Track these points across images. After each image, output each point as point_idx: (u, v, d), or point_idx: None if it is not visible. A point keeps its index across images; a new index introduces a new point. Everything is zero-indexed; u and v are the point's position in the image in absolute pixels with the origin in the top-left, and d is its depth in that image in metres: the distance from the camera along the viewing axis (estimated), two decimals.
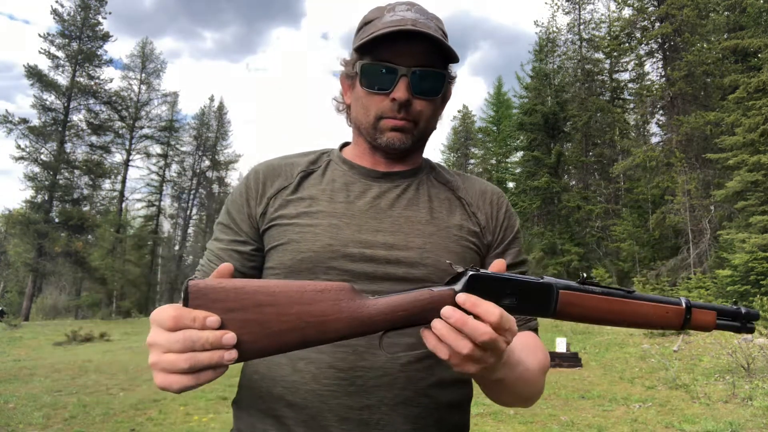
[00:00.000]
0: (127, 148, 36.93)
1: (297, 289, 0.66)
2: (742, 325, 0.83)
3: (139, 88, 38.04)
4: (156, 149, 39.54)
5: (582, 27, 31.62)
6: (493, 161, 39.13)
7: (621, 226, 24.41)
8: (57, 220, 31.15)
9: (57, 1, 32.25)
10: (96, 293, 33.95)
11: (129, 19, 76.59)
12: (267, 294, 0.64)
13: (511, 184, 34.69)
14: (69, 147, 32.37)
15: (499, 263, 0.74)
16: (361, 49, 0.93)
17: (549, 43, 32.77)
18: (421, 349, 0.71)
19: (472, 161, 41.09)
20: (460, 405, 0.97)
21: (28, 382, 8.16)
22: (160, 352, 0.61)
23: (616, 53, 27.97)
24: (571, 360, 9.46)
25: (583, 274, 0.77)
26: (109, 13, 39.93)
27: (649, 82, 26.43)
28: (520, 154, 34.13)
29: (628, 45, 26.82)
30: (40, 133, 30.71)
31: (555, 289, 0.74)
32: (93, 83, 33.18)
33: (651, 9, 24.83)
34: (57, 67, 31.86)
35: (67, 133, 31.82)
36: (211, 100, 48.19)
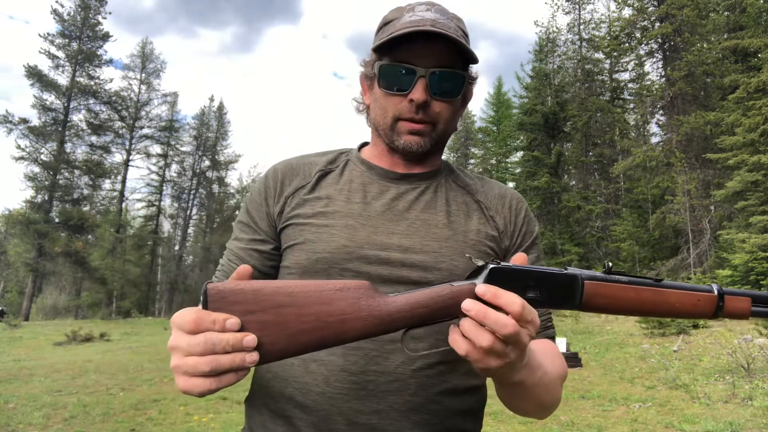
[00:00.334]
0: (127, 148, 36.96)
1: (315, 288, 0.65)
2: None
3: (139, 88, 38.06)
4: (156, 149, 39.59)
5: (582, 27, 31.64)
6: (493, 161, 39.10)
7: (621, 226, 24.40)
8: (57, 220, 31.17)
9: (57, 1, 32.30)
10: (96, 293, 33.96)
11: (129, 19, 76.59)
12: (286, 295, 0.63)
13: (511, 184, 34.63)
14: (69, 147, 32.42)
15: (520, 256, 0.72)
16: (379, 49, 0.93)
17: (549, 43, 32.76)
18: (444, 347, 0.70)
19: (472, 161, 41.05)
20: (473, 412, 0.95)
21: (28, 382, 8.16)
22: (182, 356, 0.60)
23: (616, 53, 27.97)
24: (571, 360, 9.46)
25: (609, 264, 0.74)
26: (109, 13, 40.04)
27: (649, 82, 26.44)
28: (520, 154, 34.15)
29: (628, 45, 26.82)
30: (40, 133, 30.73)
31: (580, 280, 0.71)
32: (93, 83, 33.21)
33: (651, 9, 24.83)
34: (57, 67, 31.91)
35: (67, 133, 31.84)
36: (211, 100, 48.26)
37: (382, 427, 0.85)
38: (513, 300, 0.64)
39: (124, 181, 37.01)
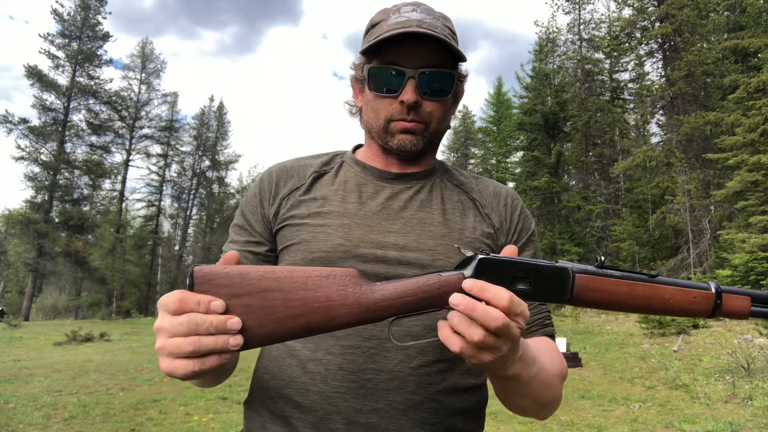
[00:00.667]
0: (127, 148, 36.95)
1: (302, 275, 0.65)
2: None
3: (139, 88, 38.05)
4: (156, 149, 39.59)
5: (582, 27, 31.62)
6: (493, 161, 39.10)
7: (621, 226, 24.39)
8: (57, 220, 31.16)
9: (57, 1, 32.30)
10: (96, 293, 33.97)
11: (129, 19, 76.62)
12: (272, 279, 0.63)
13: (511, 184, 34.65)
14: (69, 147, 32.41)
15: (510, 248, 0.72)
16: (367, 52, 0.93)
17: (549, 43, 32.75)
18: (432, 338, 0.70)
19: (472, 161, 41.06)
20: (474, 412, 0.94)
21: (28, 382, 8.16)
22: (166, 337, 0.60)
23: (616, 53, 27.96)
24: (571, 360, 9.45)
25: (601, 258, 0.73)
26: (109, 13, 40.06)
27: (649, 82, 26.42)
28: (520, 154, 34.12)
29: (628, 45, 26.81)
30: (40, 133, 30.73)
31: (571, 273, 0.70)
32: (93, 83, 33.20)
33: (651, 9, 24.82)
34: (57, 67, 31.90)
35: (67, 133, 31.83)
36: (211, 100, 48.27)
37: (382, 425, 0.84)
38: (500, 293, 0.63)
39: (124, 181, 37.02)
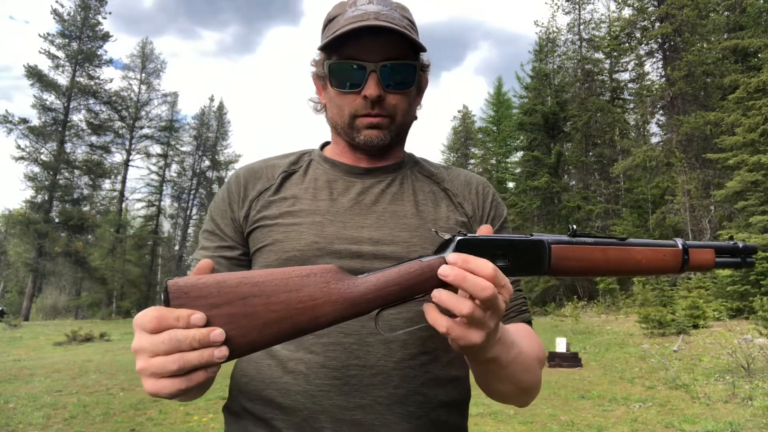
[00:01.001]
0: (127, 148, 36.96)
1: (282, 276, 0.63)
2: (742, 260, 0.81)
3: (139, 88, 38.07)
4: (156, 149, 39.61)
5: (582, 27, 31.63)
6: (493, 161, 39.12)
7: (621, 226, 24.40)
8: (57, 220, 31.19)
9: (57, 1, 32.33)
10: (96, 293, 34.00)
11: (129, 19, 76.66)
12: (251, 285, 0.61)
13: (511, 184, 34.68)
14: (69, 147, 32.43)
15: (485, 227, 0.72)
16: (327, 48, 0.91)
17: (549, 43, 32.78)
18: (421, 324, 0.69)
19: (472, 161, 41.08)
20: (458, 405, 0.94)
21: (28, 382, 8.16)
22: (147, 357, 0.57)
23: (616, 53, 27.98)
24: (571, 360, 9.45)
25: (573, 226, 0.75)
26: (109, 13, 40.10)
27: (649, 82, 26.45)
28: (520, 154, 34.13)
29: (628, 45, 26.83)
30: (40, 133, 30.75)
31: (546, 245, 0.71)
32: (93, 83, 33.23)
33: (651, 9, 24.84)
34: (57, 67, 31.93)
35: (67, 133, 31.85)
36: (211, 100, 48.27)
37: (368, 421, 0.83)
38: (484, 264, 0.63)
39: (124, 181, 37.02)
